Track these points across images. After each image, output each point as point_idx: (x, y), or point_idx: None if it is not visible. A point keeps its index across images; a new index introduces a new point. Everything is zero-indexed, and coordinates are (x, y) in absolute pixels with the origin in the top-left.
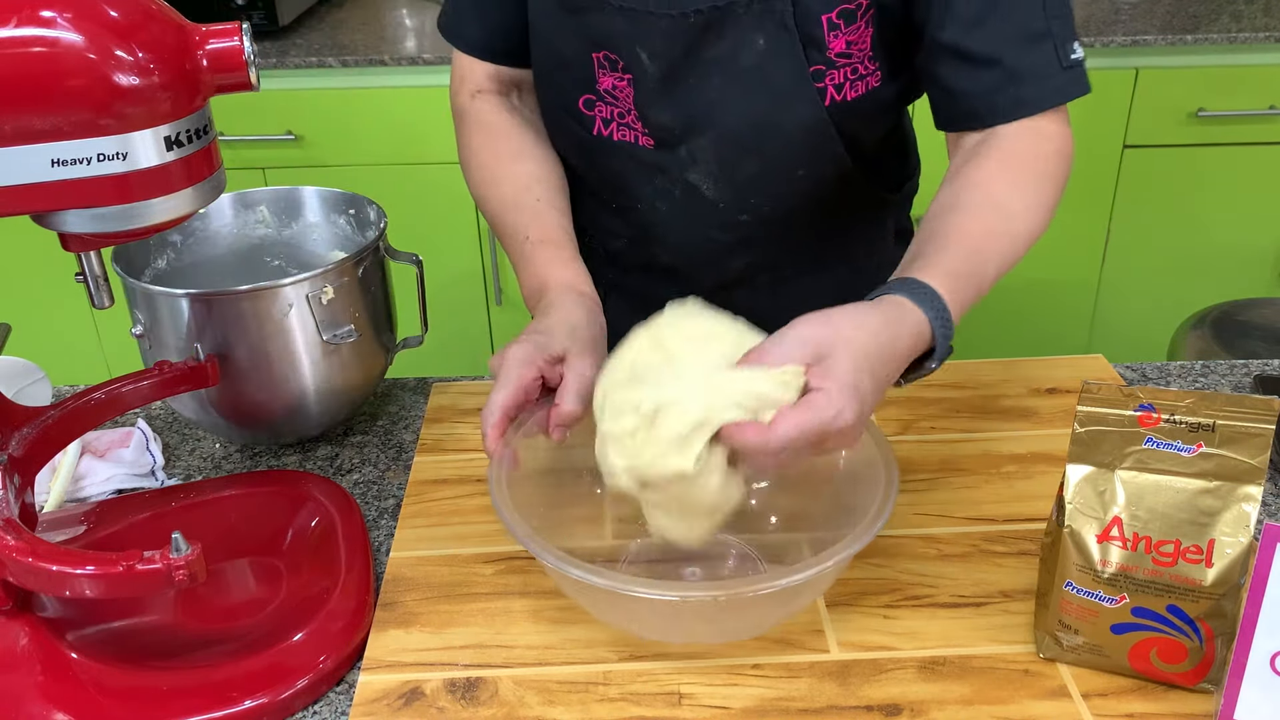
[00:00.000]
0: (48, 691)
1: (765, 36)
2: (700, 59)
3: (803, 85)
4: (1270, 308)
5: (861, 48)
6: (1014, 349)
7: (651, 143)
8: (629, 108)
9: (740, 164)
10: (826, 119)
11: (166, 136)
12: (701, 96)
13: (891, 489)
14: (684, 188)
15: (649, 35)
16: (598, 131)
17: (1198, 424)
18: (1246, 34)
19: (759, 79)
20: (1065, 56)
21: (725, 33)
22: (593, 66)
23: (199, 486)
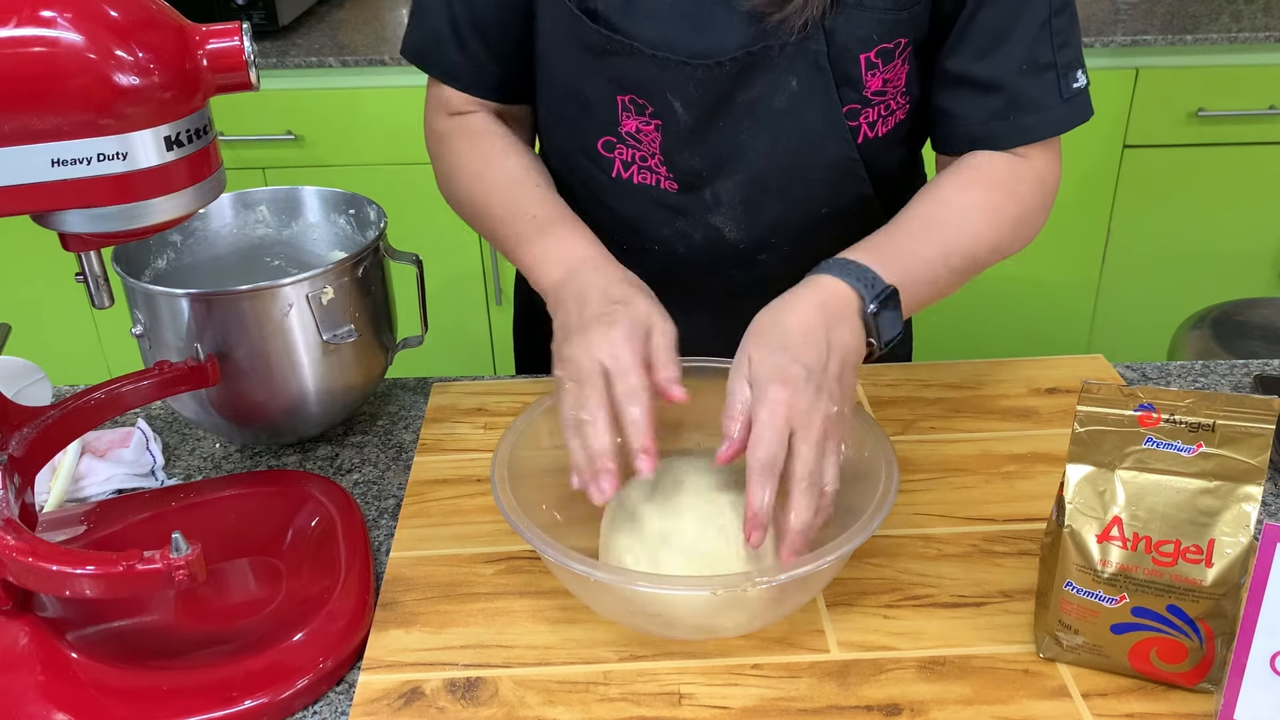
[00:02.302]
0: (48, 691)
1: (799, 78)
2: (733, 103)
3: (836, 124)
4: (1270, 308)
5: (897, 85)
6: (1014, 349)
7: (675, 186)
8: (653, 151)
9: (765, 205)
10: (856, 157)
11: (167, 136)
12: (732, 140)
13: (891, 488)
14: (705, 230)
15: (683, 84)
16: (616, 174)
17: (1198, 424)
18: (1246, 34)
19: (791, 120)
20: (1068, 87)
21: (758, 76)
22: (617, 109)
23: (199, 486)
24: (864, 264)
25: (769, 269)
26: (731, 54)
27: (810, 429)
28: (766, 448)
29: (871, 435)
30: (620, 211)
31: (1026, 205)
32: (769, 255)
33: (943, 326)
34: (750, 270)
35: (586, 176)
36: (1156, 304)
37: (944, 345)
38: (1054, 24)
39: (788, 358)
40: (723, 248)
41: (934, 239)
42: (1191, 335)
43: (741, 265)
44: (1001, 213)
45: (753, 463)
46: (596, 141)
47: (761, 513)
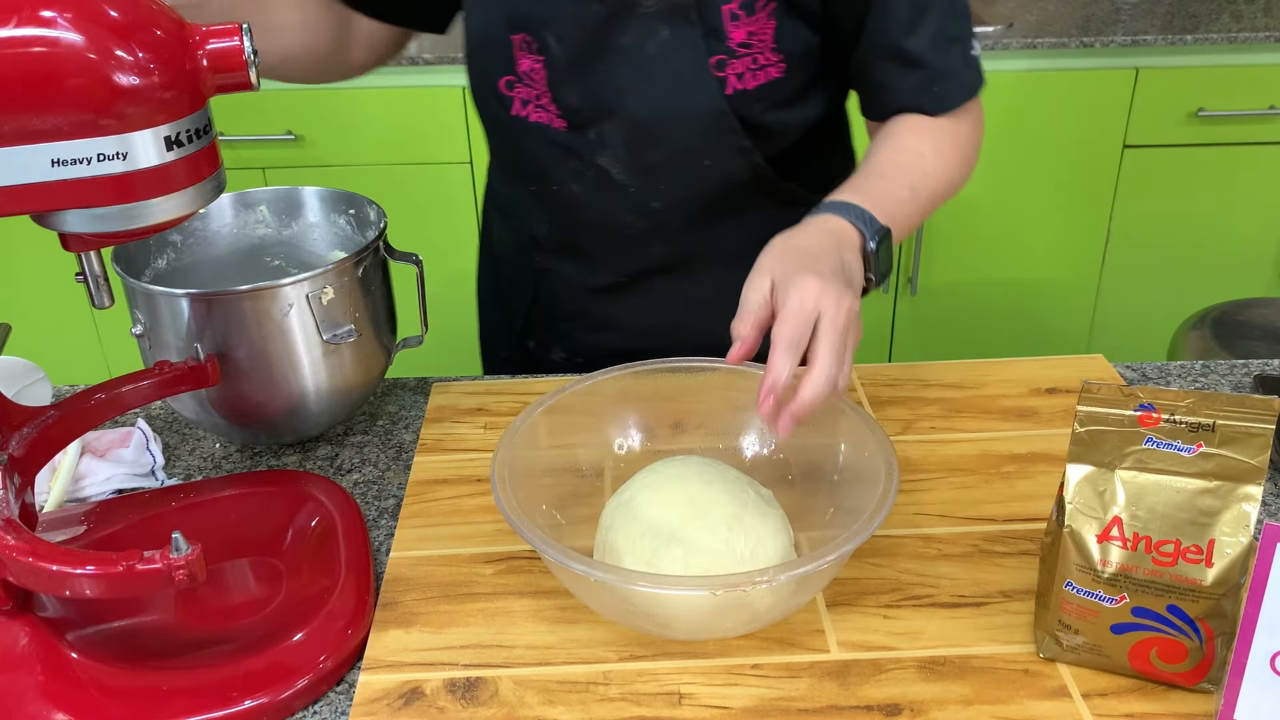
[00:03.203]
0: (48, 691)
1: (670, 27)
2: (607, 46)
3: (704, 73)
4: (1270, 308)
5: (763, 39)
6: (1014, 349)
7: (564, 125)
8: (544, 90)
9: (647, 150)
10: (727, 107)
11: (167, 136)
12: (609, 82)
13: (891, 488)
14: (596, 171)
15: (558, 19)
16: (516, 112)
17: (1198, 424)
18: (1246, 34)
19: (663, 68)
20: (969, 55)
21: (631, 22)
22: (513, 48)
23: (199, 486)
24: (859, 205)
25: (669, 221)
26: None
27: (838, 314)
28: (794, 324)
29: (871, 435)
30: (522, 150)
31: (968, 143)
32: (663, 204)
33: (943, 327)
34: (647, 217)
35: (495, 116)
36: (1156, 304)
37: (944, 345)
38: None
39: (810, 261)
40: (615, 190)
41: (902, 179)
42: (1191, 335)
43: (637, 211)
44: (951, 152)
45: (778, 338)
46: (500, 80)
47: (779, 382)
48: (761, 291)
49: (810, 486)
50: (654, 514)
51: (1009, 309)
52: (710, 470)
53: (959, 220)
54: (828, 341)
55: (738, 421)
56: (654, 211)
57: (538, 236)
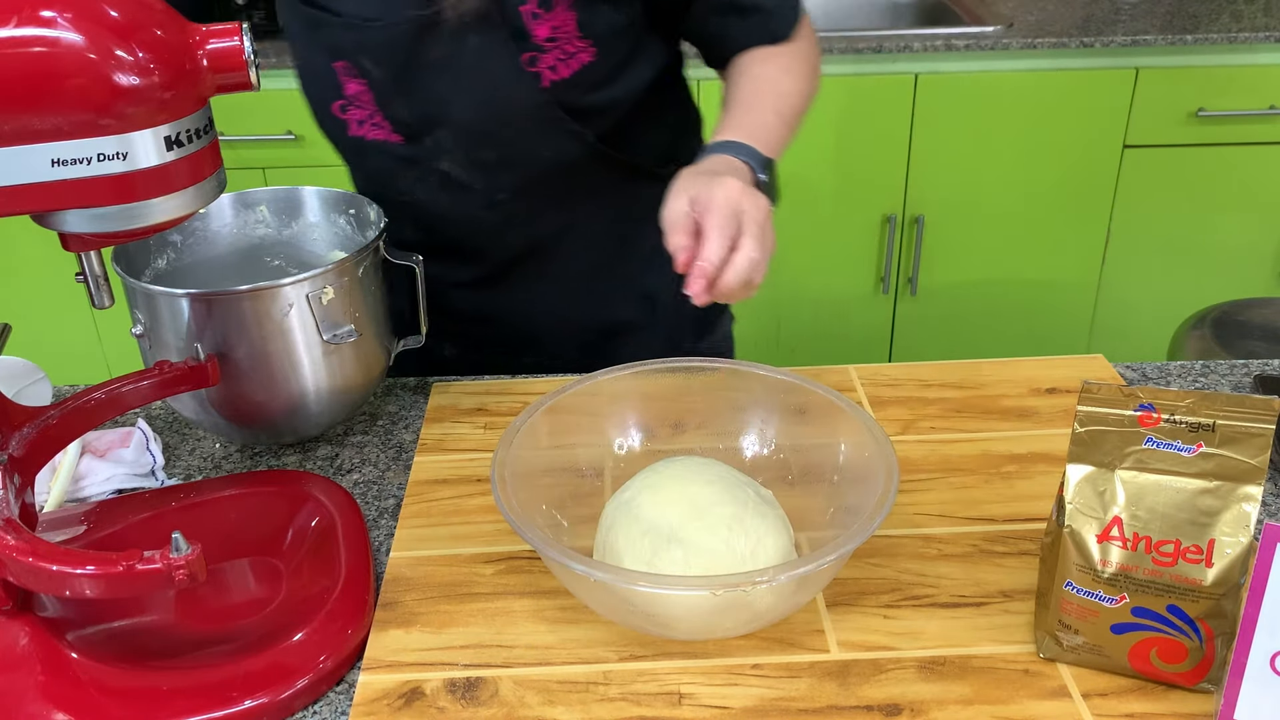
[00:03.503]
0: (48, 691)
1: (477, 34)
2: (422, 62)
3: (518, 72)
4: (1270, 308)
5: (567, 30)
6: (1014, 349)
7: (400, 138)
8: (374, 109)
9: (482, 149)
10: (547, 99)
11: (167, 136)
12: (432, 94)
13: (891, 488)
14: (439, 175)
15: (370, 45)
16: (354, 133)
17: (1198, 424)
18: (1246, 34)
19: (479, 73)
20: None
21: (439, 37)
22: (338, 75)
23: (199, 486)
24: (744, 142)
25: (519, 211)
26: (403, 17)
27: (757, 212)
28: (722, 214)
29: (871, 435)
30: (368, 166)
31: (810, 61)
32: (509, 195)
33: (943, 326)
34: (497, 210)
35: (337, 137)
36: (1156, 304)
37: (944, 345)
38: None
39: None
40: (460, 190)
41: (766, 107)
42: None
43: (487, 206)
44: (798, 69)
45: (710, 226)
46: (333, 105)
47: (712, 264)
48: (683, 205)
49: (810, 486)
50: (654, 514)
51: (1009, 309)
52: (710, 470)
53: (959, 220)
54: (752, 232)
55: (738, 421)
56: (502, 204)
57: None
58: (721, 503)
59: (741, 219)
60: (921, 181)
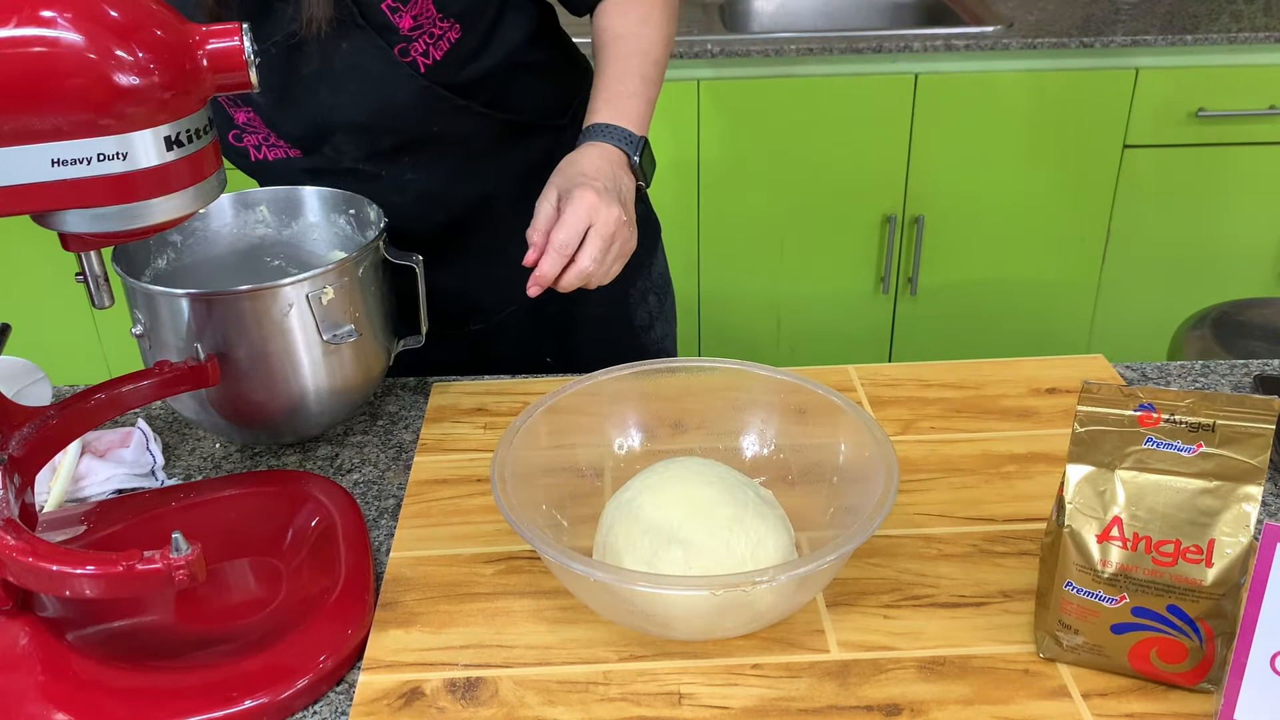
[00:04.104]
0: (48, 691)
1: (345, 40)
2: (300, 76)
3: (393, 65)
4: (1270, 308)
5: (427, 15)
6: (1014, 349)
7: (299, 152)
8: (267, 131)
9: (379, 143)
10: (427, 83)
11: (167, 136)
12: (318, 104)
13: (891, 488)
14: (350, 177)
15: None
16: (255, 158)
17: (1198, 424)
18: (1246, 34)
19: (356, 74)
20: None
21: (311, 50)
22: (225, 107)
23: (199, 486)
24: (616, 124)
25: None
26: (271, 40)
27: (606, 225)
28: (567, 231)
29: (871, 435)
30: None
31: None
32: (418, 175)
33: (943, 326)
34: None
35: (243, 166)
36: (1156, 304)
37: (944, 345)
38: None
39: (588, 179)
40: (373, 184)
41: (631, 69)
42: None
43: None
44: (654, 14)
45: (553, 241)
46: (228, 135)
47: (546, 279)
48: (550, 203)
49: (810, 486)
50: (654, 514)
51: (1009, 309)
52: (710, 471)
53: (959, 220)
54: (591, 247)
55: (738, 421)
56: (411, 184)
57: None
58: (722, 503)
59: (588, 232)
60: (921, 181)
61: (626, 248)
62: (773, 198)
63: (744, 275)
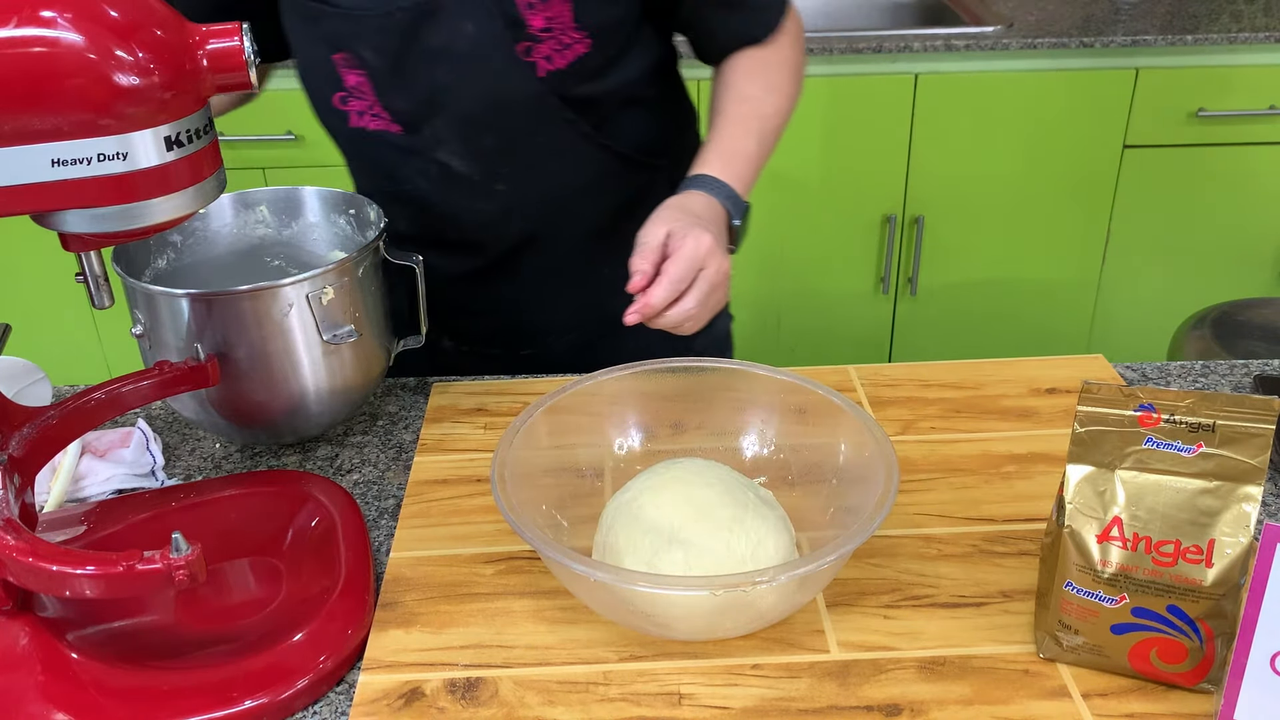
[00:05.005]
0: (48, 691)
1: (474, 23)
2: (420, 49)
3: (514, 62)
4: (1270, 308)
5: (563, 21)
6: (1014, 349)
7: (399, 128)
8: (373, 99)
9: (480, 138)
10: (544, 89)
11: (167, 136)
12: (430, 83)
13: (891, 488)
14: (438, 166)
15: (367, 34)
16: (354, 124)
17: (1198, 424)
18: (1246, 34)
19: (476, 62)
20: None
21: (437, 24)
22: (337, 67)
23: (199, 486)
24: (725, 182)
25: (515, 201)
26: (399, 5)
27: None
28: (683, 266)
29: (871, 435)
30: (369, 156)
31: (794, 67)
32: (506, 185)
33: (943, 326)
34: (494, 200)
35: (337, 130)
36: (1156, 304)
37: (944, 345)
38: None
39: (704, 223)
40: (459, 181)
41: (749, 131)
42: (1191, 335)
43: (484, 197)
44: (783, 85)
45: (667, 271)
46: (332, 97)
47: (652, 308)
48: (659, 236)
49: (810, 486)
50: (655, 515)
51: (1009, 309)
52: (710, 472)
53: (959, 220)
54: (700, 291)
55: (738, 421)
56: (500, 194)
57: (404, 235)
58: (722, 504)
59: (699, 275)
60: (921, 181)
61: (719, 303)
62: (773, 197)
63: (744, 275)
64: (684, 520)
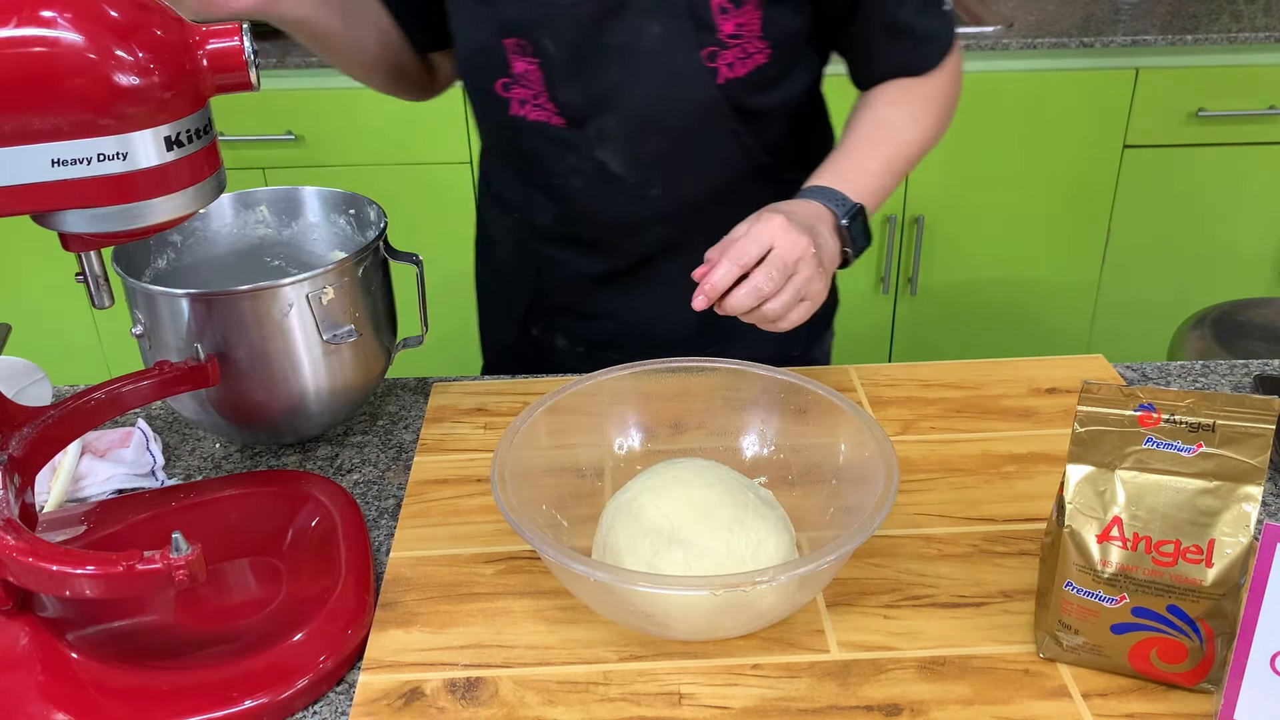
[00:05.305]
0: (48, 691)
1: (660, 23)
2: (601, 45)
3: (696, 66)
4: (1270, 308)
5: (751, 29)
6: (1014, 349)
7: (562, 122)
8: (541, 89)
9: (645, 141)
10: (720, 96)
11: (167, 136)
12: (605, 79)
13: (891, 488)
14: (594, 164)
15: (553, 25)
16: (514, 112)
17: (1198, 424)
18: (1246, 34)
19: (657, 61)
20: (943, 12)
21: (622, 20)
22: (506, 52)
23: (199, 486)
24: (831, 187)
25: (665, 207)
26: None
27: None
28: (745, 244)
29: (871, 435)
30: (523, 147)
31: (944, 104)
32: (661, 191)
33: (943, 326)
34: (645, 204)
35: (493, 115)
36: (1156, 304)
37: (944, 345)
38: None
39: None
40: (614, 182)
41: (876, 154)
42: (1191, 335)
43: (636, 200)
44: (926, 117)
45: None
46: (495, 82)
47: (714, 289)
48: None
49: (810, 486)
50: (655, 515)
51: (1009, 309)
52: (711, 472)
53: (959, 220)
54: (774, 266)
55: (738, 421)
56: (652, 199)
57: (540, 227)
58: (722, 504)
59: (769, 254)
60: (921, 181)
61: (812, 289)
62: None
63: None
64: (684, 520)
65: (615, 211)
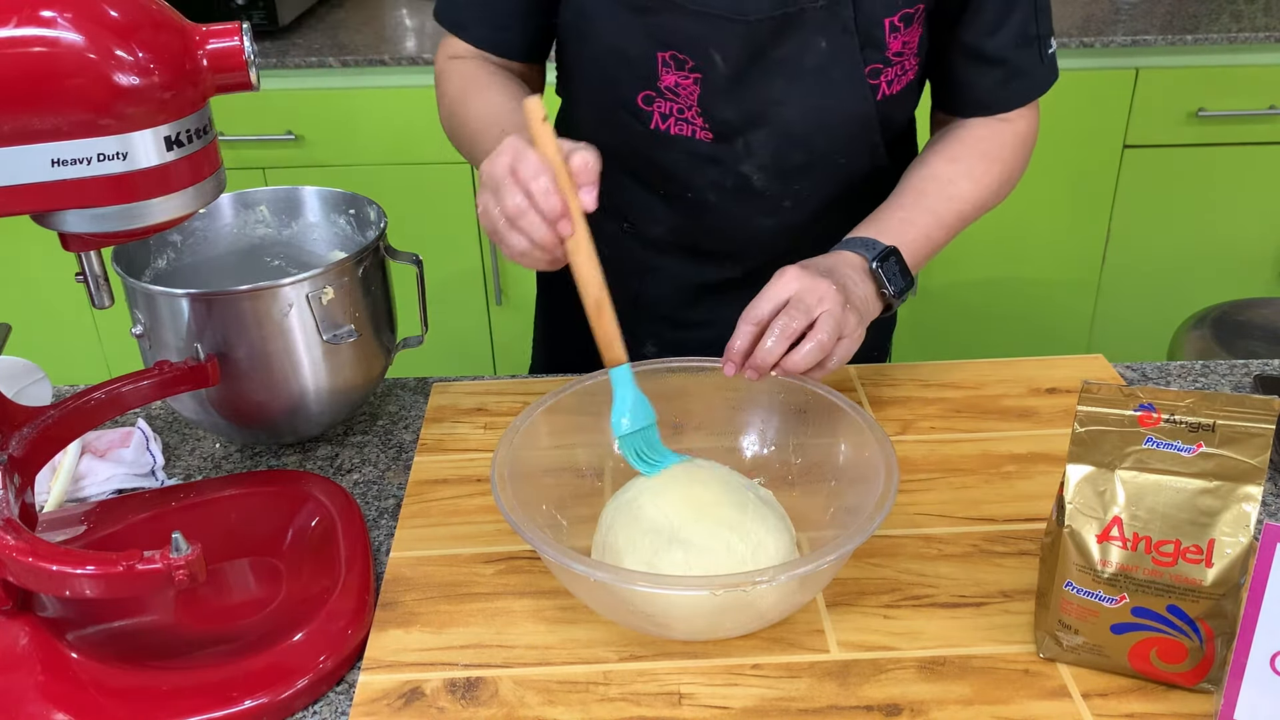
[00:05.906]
0: (48, 691)
1: (828, 39)
2: (767, 59)
3: (859, 83)
4: (1270, 308)
5: (911, 47)
6: (1014, 349)
7: (710, 136)
8: (691, 104)
9: (791, 155)
10: (874, 113)
11: (167, 136)
12: (765, 94)
13: (891, 488)
14: (736, 178)
15: (721, 38)
16: (655, 126)
17: (1198, 424)
18: (1246, 34)
19: (819, 78)
20: (1045, 53)
21: (791, 35)
22: (657, 64)
23: (199, 486)
24: (862, 235)
25: (794, 219)
26: (769, 13)
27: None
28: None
29: (871, 435)
30: (658, 161)
31: (1009, 166)
32: (793, 203)
33: (944, 326)
34: (776, 217)
35: (624, 129)
36: (1156, 304)
37: (944, 345)
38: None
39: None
40: (751, 196)
41: (923, 207)
42: (1191, 335)
43: (768, 212)
44: (986, 177)
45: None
46: (637, 96)
47: (734, 353)
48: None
49: (810, 486)
50: (655, 515)
51: (1009, 309)
52: (710, 472)
53: None
54: (789, 310)
55: (738, 421)
56: (784, 211)
57: (650, 237)
58: (722, 504)
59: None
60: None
61: (846, 326)
62: None
63: None
64: (684, 520)
65: (744, 224)
